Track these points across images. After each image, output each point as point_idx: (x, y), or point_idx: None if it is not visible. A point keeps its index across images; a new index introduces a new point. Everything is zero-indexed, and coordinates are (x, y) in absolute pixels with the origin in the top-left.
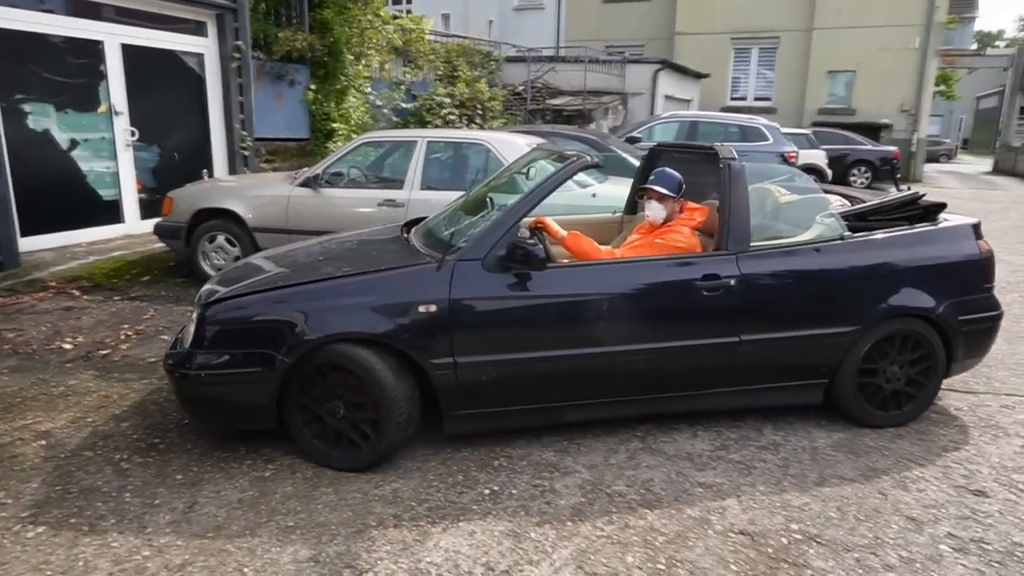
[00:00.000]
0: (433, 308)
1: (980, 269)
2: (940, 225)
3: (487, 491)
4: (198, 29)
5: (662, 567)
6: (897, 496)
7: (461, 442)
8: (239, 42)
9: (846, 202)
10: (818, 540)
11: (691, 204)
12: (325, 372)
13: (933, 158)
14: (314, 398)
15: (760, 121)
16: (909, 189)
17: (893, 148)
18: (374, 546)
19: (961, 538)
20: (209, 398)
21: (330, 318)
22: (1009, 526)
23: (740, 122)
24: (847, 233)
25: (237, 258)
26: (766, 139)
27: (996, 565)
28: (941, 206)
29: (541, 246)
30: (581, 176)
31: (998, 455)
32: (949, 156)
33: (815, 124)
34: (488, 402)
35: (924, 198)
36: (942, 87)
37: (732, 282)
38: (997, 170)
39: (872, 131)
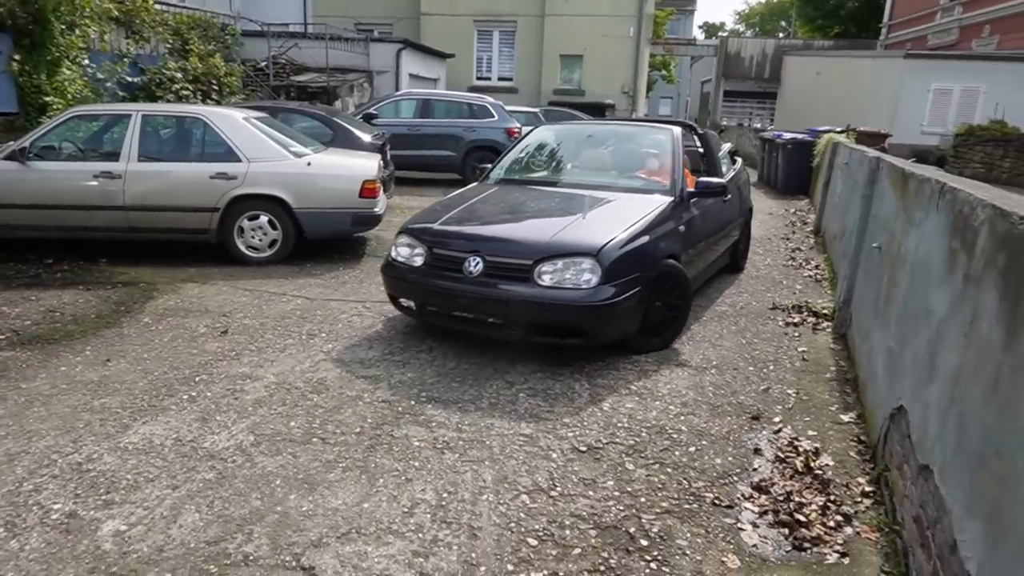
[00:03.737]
0: (682, 228)
1: (749, 186)
2: (739, 162)
3: (186, 397)
4: None
5: (316, 425)
6: (514, 377)
7: (166, 366)
8: None
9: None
10: (436, 400)
11: None
12: (648, 284)
13: None
14: (643, 303)
15: (487, 100)
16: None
17: None
18: (80, 438)
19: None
20: (617, 318)
21: (661, 245)
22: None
23: (469, 100)
24: (736, 168)
25: None
26: (492, 116)
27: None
28: (737, 151)
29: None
30: (299, 147)
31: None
32: None
33: (551, 103)
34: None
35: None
36: (663, 72)
37: (730, 196)
38: None
39: (599, 110)
